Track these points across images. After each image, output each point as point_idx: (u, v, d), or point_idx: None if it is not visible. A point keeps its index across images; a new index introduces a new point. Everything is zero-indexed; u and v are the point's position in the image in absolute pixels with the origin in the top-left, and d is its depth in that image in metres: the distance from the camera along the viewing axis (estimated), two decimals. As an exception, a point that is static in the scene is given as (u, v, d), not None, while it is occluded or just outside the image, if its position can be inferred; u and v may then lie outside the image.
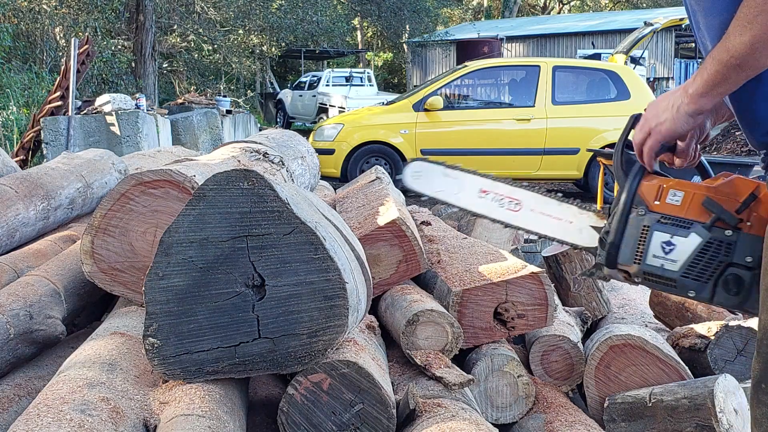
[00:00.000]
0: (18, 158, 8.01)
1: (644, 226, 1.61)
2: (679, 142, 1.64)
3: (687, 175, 1.71)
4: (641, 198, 1.63)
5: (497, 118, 9.25)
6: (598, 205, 1.88)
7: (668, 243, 1.58)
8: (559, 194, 1.87)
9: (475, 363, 2.29)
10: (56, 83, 8.57)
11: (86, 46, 8.48)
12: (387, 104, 10.07)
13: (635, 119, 1.65)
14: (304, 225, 1.59)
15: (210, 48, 20.39)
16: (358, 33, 31.94)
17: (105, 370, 1.58)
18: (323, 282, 1.58)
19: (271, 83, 27.66)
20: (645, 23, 9.97)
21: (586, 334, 2.77)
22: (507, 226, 1.88)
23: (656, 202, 1.61)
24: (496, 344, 2.38)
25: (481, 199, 1.89)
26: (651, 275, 1.60)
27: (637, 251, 1.61)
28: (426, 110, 9.03)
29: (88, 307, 2.36)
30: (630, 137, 1.68)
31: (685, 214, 1.58)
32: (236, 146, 2.75)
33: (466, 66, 9.80)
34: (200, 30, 18.09)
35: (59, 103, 8.30)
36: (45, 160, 7.90)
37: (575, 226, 1.83)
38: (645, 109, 1.59)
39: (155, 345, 1.57)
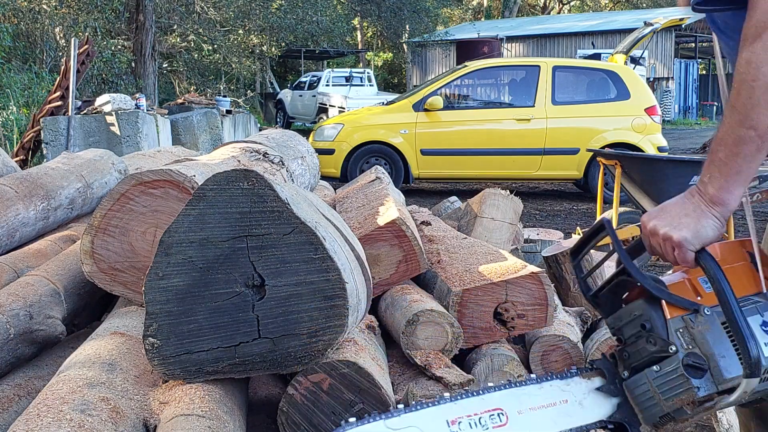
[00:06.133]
0: (18, 158, 8.00)
1: (723, 322, 1.33)
2: None
3: None
4: (690, 302, 1.36)
5: (497, 118, 9.25)
6: (598, 212, 1.58)
7: (765, 324, 1.34)
8: (533, 375, 1.52)
9: (475, 363, 2.29)
10: (56, 83, 8.57)
11: (86, 46, 8.48)
12: (387, 104, 10.07)
13: (598, 228, 1.46)
14: (304, 225, 1.59)
15: (210, 48, 20.38)
16: (358, 33, 31.93)
17: (105, 370, 1.58)
18: (323, 282, 1.58)
19: (271, 83, 27.66)
20: (645, 23, 9.97)
21: (586, 334, 2.77)
22: None
23: (699, 298, 1.36)
24: (496, 344, 2.38)
25: None
26: None
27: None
28: (426, 110, 9.03)
29: (88, 307, 2.36)
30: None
31: (740, 294, 1.35)
32: (236, 146, 2.75)
33: (466, 66, 9.80)
34: (200, 30, 18.08)
35: (59, 103, 8.30)
36: (45, 160, 7.90)
37: (573, 403, 1.46)
38: (645, 222, 1.38)
39: (155, 345, 1.57)
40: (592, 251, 2.15)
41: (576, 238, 3.24)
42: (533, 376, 1.51)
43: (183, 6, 17.53)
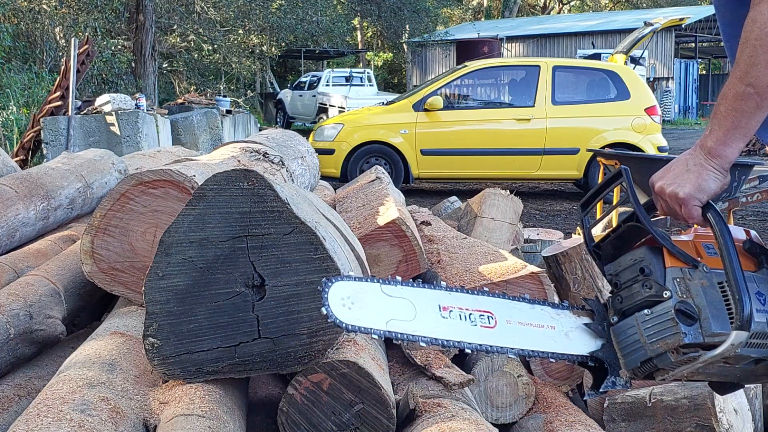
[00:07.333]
0: (18, 158, 8.00)
1: (719, 282, 1.36)
2: None
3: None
4: (691, 257, 1.39)
5: (497, 118, 9.25)
6: (598, 213, 1.59)
7: (759, 293, 1.36)
8: (525, 295, 1.55)
9: (475, 363, 2.29)
10: (56, 83, 8.57)
11: (86, 46, 8.48)
12: (387, 104, 10.07)
13: (615, 176, 1.50)
14: (304, 225, 1.59)
15: (210, 48, 20.38)
16: (358, 33, 31.94)
17: (105, 370, 1.58)
18: (323, 282, 1.57)
19: (271, 83, 27.67)
20: (645, 23, 9.97)
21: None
22: (488, 351, 1.46)
23: (700, 258, 1.39)
24: (496, 344, 2.38)
25: (446, 320, 1.44)
26: (760, 336, 1.34)
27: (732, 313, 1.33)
28: (426, 110, 9.04)
29: (88, 307, 2.36)
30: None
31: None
32: (236, 146, 2.75)
33: (466, 66, 9.80)
34: (200, 30, 18.08)
35: (59, 103, 8.30)
36: (45, 160, 7.90)
37: (559, 331, 1.50)
38: (653, 183, 1.42)
39: (155, 345, 1.57)
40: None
41: (576, 238, 3.24)
42: (526, 296, 1.55)
43: (183, 6, 17.53)
